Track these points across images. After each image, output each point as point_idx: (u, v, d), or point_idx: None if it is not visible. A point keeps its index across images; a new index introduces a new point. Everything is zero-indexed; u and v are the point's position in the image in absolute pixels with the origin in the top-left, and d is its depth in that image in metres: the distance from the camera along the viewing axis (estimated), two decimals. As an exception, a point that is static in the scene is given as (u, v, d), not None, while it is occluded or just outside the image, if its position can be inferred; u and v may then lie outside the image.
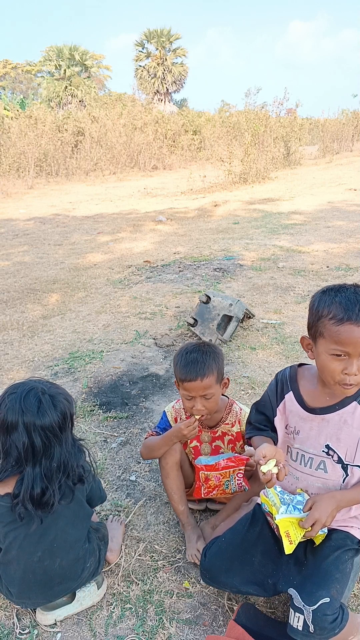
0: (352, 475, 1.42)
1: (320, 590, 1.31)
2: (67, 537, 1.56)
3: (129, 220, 9.04)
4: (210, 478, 1.84)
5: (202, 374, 1.75)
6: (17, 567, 1.53)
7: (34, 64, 46.05)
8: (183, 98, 53.43)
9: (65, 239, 7.62)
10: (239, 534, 1.56)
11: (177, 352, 1.88)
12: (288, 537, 1.35)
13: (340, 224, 7.44)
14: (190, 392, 1.79)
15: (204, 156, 18.88)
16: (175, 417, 1.97)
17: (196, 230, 7.83)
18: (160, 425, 1.99)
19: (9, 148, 16.64)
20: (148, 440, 1.95)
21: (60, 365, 3.43)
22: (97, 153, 18.50)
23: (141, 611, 1.64)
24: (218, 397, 1.85)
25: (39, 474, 1.47)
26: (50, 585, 1.58)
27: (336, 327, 1.24)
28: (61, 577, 1.58)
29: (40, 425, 1.44)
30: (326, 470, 1.43)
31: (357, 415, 1.38)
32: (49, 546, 1.53)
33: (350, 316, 1.23)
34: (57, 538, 1.54)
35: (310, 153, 19.83)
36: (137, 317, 4.23)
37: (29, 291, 5.12)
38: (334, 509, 1.36)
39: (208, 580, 1.58)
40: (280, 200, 10.12)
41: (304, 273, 5.10)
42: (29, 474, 1.46)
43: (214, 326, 3.58)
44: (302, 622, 1.30)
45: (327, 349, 1.28)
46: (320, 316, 1.29)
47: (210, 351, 1.82)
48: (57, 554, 1.54)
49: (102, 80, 44.76)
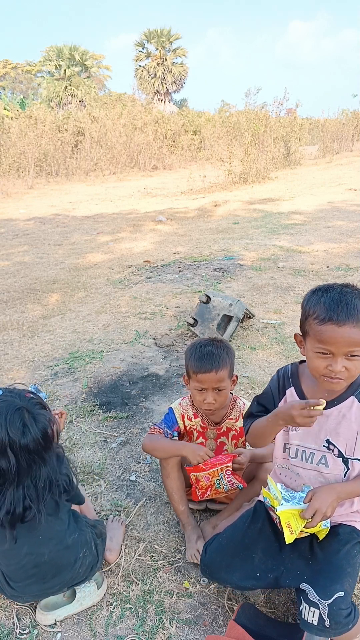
0: (353, 469, 1.43)
1: (334, 585, 1.32)
2: (50, 528, 1.55)
3: (129, 220, 9.04)
4: (200, 479, 1.85)
5: (217, 366, 1.81)
6: (9, 563, 1.55)
7: (34, 64, 46.08)
8: (183, 98, 53.48)
9: (65, 239, 7.62)
10: (239, 530, 1.56)
11: (190, 346, 1.92)
12: (289, 527, 1.36)
13: (340, 224, 7.44)
14: (203, 383, 1.83)
15: (204, 156, 18.87)
16: (182, 415, 1.98)
17: (196, 230, 7.83)
18: (167, 421, 1.99)
19: (9, 148, 16.65)
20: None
21: (60, 365, 3.43)
22: (97, 153, 18.50)
23: (141, 611, 1.64)
24: (228, 392, 1.89)
25: (21, 494, 1.45)
26: (45, 578, 1.58)
27: (319, 327, 1.28)
28: (54, 567, 1.58)
29: (25, 445, 1.41)
30: (327, 465, 1.45)
31: (354, 410, 1.40)
32: (33, 540, 1.53)
33: (331, 316, 1.26)
34: (40, 531, 1.53)
35: (310, 153, 19.83)
36: (137, 317, 4.23)
37: (29, 291, 5.12)
38: (333, 500, 1.37)
39: (208, 576, 1.59)
40: (280, 200, 10.12)
41: (304, 273, 5.10)
42: (10, 495, 1.44)
43: (214, 326, 3.58)
44: (317, 617, 1.30)
45: (313, 347, 1.31)
46: (307, 315, 1.33)
47: (223, 346, 1.89)
48: (44, 546, 1.55)
49: (102, 80, 44.77)
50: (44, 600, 1.65)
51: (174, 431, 1.98)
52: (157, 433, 1.95)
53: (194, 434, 1.99)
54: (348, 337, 1.25)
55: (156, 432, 1.96)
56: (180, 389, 3.04)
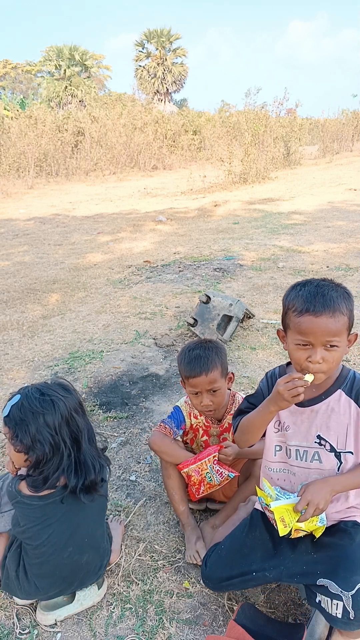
0: (346, 462, 1.44)
1: (355, 576, 1.32)
2: (95, 533, 1.61)
3: (129, 220, 9.04)
4: (191, 474, 1.86)
5: (207, 369, 1.80)
6: (47, 562, 1.56)
7: (34, 64, 46.08)
8: (183, 98, 53.51)
9: (65, 239, 7.62)
10: (237, 540, 1.57)
11: (180, 351, 1.92)
12: (283, 521, 1.37)
13: (340, 224, 7.44)
14: (196, 387, 1.83)
15: (204, 156, 18.89)
16: (190, 412, 1.99)
17: (196, 230, 7.83)
18: (175, 419, 1.98)
19: (9, 148, 16.65)
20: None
21: (60, 365, 3.43)
22: (97, 153, 18.51)
23: (141, 611, 1.64)
24: (224, 391, 1.89)
25: (89, 455, 1.54)
26: (72, 581, 1.61)
27: (297, 319, 1.32)
28: (85, 572, 1.62)
29: (75, 408, 1.52)
30: (321, 461, 1.45)
31: (342, 403, 1.42)
32: (80, 542, 1.57)
33: (309, 308, 1.29)
34: (87, 534, 1.58)
35: (310, 153, 19.83)
36: (137, 317, 4.23)
37: (29, 291, 5.12)
38: (326, 493, 1.37)
39: (210, 588, 1.62)
40: (280, 200, 10.12)
41: (304, 273, 5.10)
42: (87, 455, 1.53)
43: (214, 326, 3.58)
44: (341, 609, 1.31)
45: (293, 339, 1.35)
46: (287, 309, 1.37)
47: (212, 347, 1.87)
48: (85, 550, 1.59)
49: (102, 80, 44.77)
50: (44, 601, 1.65)
51: (181, 429, 1.98)
52: (169, 435, 1.95)
53: (199, 431, 2.00)
54: (325, 327, 1.28)
55: (167, 432, 1.96)
56: (180, 389, 3.04)
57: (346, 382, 1.43)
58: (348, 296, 1.34)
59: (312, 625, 1.48)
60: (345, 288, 1.37)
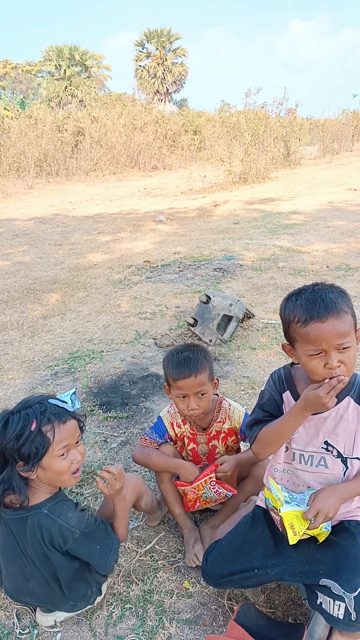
0: (352, 468, 1.44)
1: (358, 577, 1.32)
2: (38, 574, 1.51)
3: (129, 220, 9.04)
4: (187, 492, 1.85)
5: (196, 371, 1.78)
6: (4, 567, 1.57)
7: (34, 64, 46.07)
8: (183, 98, 53.39)
9: (65, 239, 7.62)
10: (239, 537, 1.56)
11: (167, 355, 1.90)
12: (292, 529, 1.36)
13: (340, 224, 7.44)
14: (184, 390, 1.81)
15: (204, 156, 18.86)
16: (172, 422, 1.96)
17: (196, 230, 7.83)
18: (157, 430, 1.96)
19: (9, 148, 16.65)
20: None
21: (60, 365, 3.43)
22: (97, 153, 18.49)
23: (141, 611, 1.64)
24: (210, 396, 1.87)
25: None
26: (38, 599, 1.58)
27: (304, 329, 1.28)
28: (37, 598, 1.57)
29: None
30: (327, 466, 1.45)
31: (351, 410, 1.41)
32: (20, 569, 1.52)
33: (312, 315, 1.27)
34: (27, 565, 1.51)
35: (310, 153, 19.82)
36: (137, 317, 4.23)
37: (29, 291, 5.12)
38: (336, 501, 1.37)
39: (210, 584, 1.61)
40: (280, 200, 10.12)
41: (304, 273, 5.10)
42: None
43: (214, 326, 3.58)
44: (343, 610, 1.31)
45: (304, 351, 1.31)
46: (289, 322, 1.33)
47: (200, 350, 1.87)
48: (29, 579, 1.53)
49: (102, 80, 44.73)
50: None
51: (165, 439, 1.95)
52: (150, 445, 1.91)
53: (184, 440, 1.97)
54: (334, 331, 1.26)
55: (147, 443, 1.92)
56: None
57: (354, 388, 1.41)
58: (345, 294, 1.33)
59: (312, 626, 1.48)
60: (339, 287, 1.35)
